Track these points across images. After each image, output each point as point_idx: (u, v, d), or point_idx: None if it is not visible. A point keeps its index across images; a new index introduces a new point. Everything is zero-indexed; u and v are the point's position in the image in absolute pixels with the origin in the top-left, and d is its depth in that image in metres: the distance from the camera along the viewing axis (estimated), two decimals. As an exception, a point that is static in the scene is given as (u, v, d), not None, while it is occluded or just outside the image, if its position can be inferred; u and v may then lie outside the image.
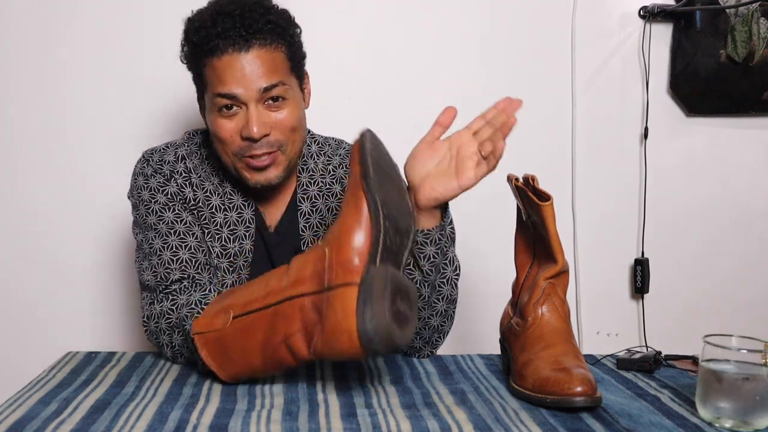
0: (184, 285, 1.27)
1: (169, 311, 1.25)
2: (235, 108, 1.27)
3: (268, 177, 1.32)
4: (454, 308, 1.34)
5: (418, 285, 1.27)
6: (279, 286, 1.10)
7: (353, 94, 1.95)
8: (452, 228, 1.30)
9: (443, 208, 1.25)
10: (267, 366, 1.12)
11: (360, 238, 1.04)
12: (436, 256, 1.26)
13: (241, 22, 1.24)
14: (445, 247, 1.27)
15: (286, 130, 1.30)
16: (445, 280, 1.29)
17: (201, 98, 1.37)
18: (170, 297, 1.26)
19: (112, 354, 1.33)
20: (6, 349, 1.94)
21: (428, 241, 1.25)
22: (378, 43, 1.99)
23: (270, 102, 1.28)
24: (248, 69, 1.25)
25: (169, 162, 1.36)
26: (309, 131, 1.46)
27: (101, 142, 1.93)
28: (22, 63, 1.91)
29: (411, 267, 1.26)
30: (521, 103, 1.19)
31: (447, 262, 1.29)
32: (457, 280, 1.32)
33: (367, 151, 1.09)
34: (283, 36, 1.29)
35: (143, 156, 1.38)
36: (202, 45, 1.27)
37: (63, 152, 1.93)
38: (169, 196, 1.33)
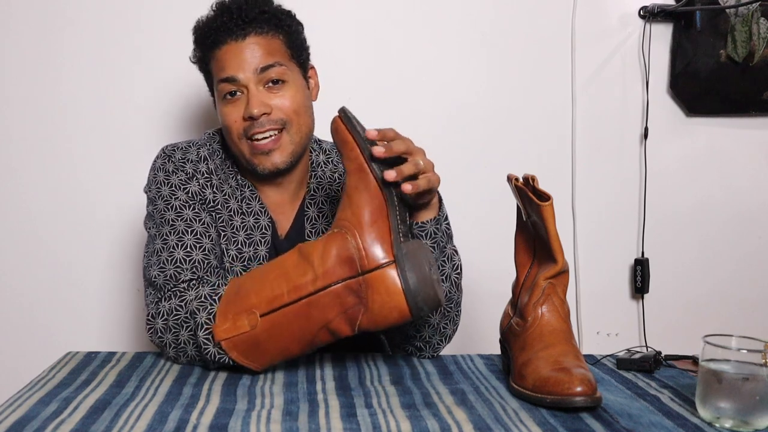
0: (192, 284, 1.26)
1: (177, 308, 1.24)
2: (238, 94, 1.34)
3: (274, 162, 1.35)
4: (457, 310, 1.33)
5: None
6: (304, 280, 1.13)
7: (353, 94, 1.95)
8: (448, 224, 1.31)
9: (438, 201, 1.27)
10: (304, 349, 1.17)
11: (380, 220, 1.11)
12: (433, 250, 1.26)
13: (238, 14, 1.34)
14: (442, 242, 1.28)
15: (288, 111, 1.35)
16: (444, 278, 1.29)
17: (213, 95, 1.42)
18: (179, 294, 1.25)
19: (112, 354, 1.33)
20: (6, 349, 1.94)
21: (423, 233, 1.26)
22: (378, 43, 1.99)
23: (270, 84, 1.34)
24: (246, 53, 1.34)
25: (191, 161, 1.36)
26: (316, 139, 1.47)
27: (101, 142, 1.93)
28: (23, 62, 1.91)
29: None
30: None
31: (445, 258, 1.29)
32: (458, 279, 1.31)
33: (358, 130, 1.14)
34: (279, 26, 1.37)
35: (164, 152, 1.38)
36: (205, 40, 1.37)
37: (63, 153, 1.93)
38: (189, 194, 1.33)
